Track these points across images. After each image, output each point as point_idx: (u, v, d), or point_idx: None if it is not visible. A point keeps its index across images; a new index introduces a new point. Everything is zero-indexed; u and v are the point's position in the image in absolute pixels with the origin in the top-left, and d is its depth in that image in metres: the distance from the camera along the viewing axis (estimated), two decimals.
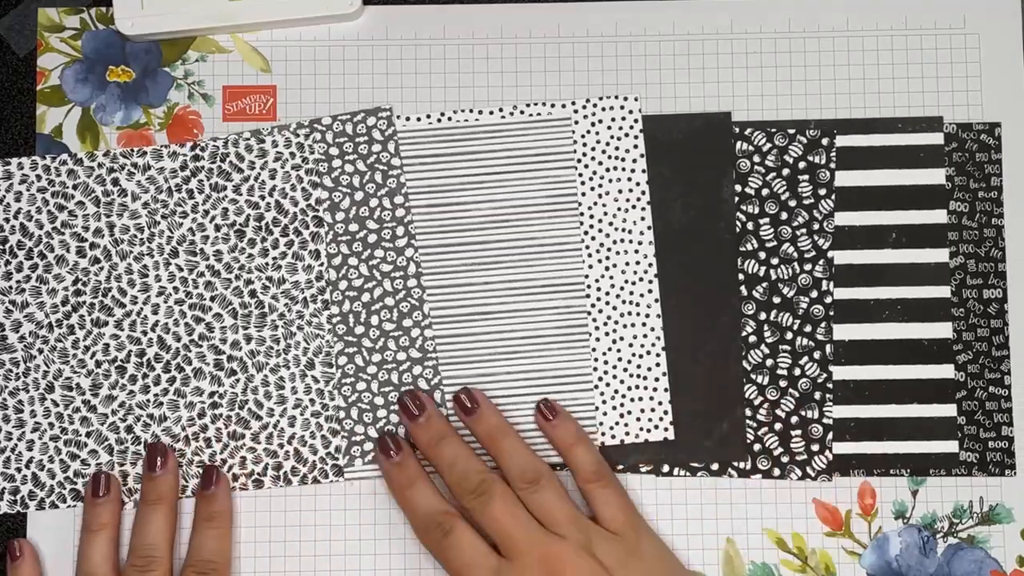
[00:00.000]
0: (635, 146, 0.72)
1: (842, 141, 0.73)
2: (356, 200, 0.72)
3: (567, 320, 0.72)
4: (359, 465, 0.71)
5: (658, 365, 0.71)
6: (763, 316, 0.72)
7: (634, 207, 0.72)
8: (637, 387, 0.71)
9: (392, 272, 0.72)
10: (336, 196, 0.72)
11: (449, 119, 0.73)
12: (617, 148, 0.72)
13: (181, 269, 0.72)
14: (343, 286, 0.72)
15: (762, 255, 0.72)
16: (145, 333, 0.72)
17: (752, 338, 0.72)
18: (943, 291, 0.72)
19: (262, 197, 0.72)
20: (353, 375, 0.71)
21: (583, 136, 0.72)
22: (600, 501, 0.68)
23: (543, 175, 0.72)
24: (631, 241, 0.72)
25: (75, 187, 0.72)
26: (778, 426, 0.71)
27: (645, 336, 0.72)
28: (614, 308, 0.72)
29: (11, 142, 0.73)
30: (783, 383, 0.71)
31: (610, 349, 0.71)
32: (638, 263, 0.72)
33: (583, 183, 0.72)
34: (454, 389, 0.71)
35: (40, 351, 0.71)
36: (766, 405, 0.71)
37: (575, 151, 0.72)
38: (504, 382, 0.71)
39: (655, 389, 0.71)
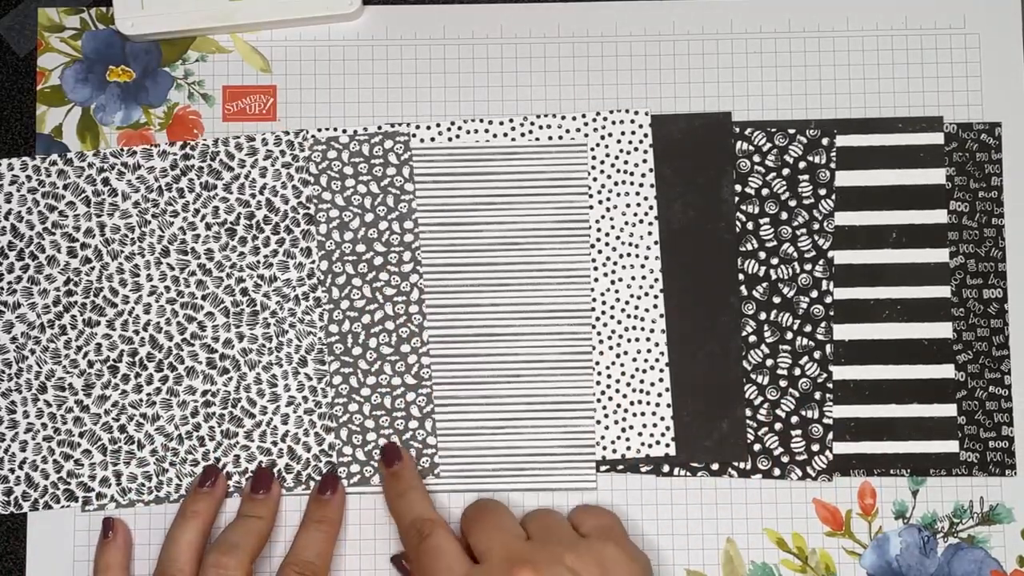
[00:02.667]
0: (644, 160, 0.72)
1: (842, 141, 0.73)
2: (366, 221, 0.72)
3: (572, 346, 0.71)
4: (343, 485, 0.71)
5: (661, 380, 0.71)
6: (763, 316, 0.72)
7: (641, 221, 0.72)
8: (640, 402, 0.71)
9: (395, 296, 0.72)
10: (346, 215, 0.72)
11: (459, 131, 0.72)
12: (626, 162, 0.72)
13: (172, 268, 0.72)
14: (344, 306, 0.72)
15: (762, 255, 0.72)
16: (137, 332, 0.72)
17: (752, 338, 0.72)
18: (943, 291, 0.72)
19: (252, 195, 0.72)
20: (346, 396, 0.71)
21: (592, 149, 0.72)
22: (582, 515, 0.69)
23: (556, 199, 0.72)
24: (637, 256, 0.72)
25: (65, 187, 0.72)
26: (778, 426, 0.71)
27: (649, 351, 0.71)
28: (618, 322, 0.71)
29: (11, 142, 0.73)
30: (783, 383, 0.71)
31: (613, 363, 0.71)
32: (644, 278, 0.72)
33: (590, 196, 0.72)
34: (454, 409, 0.71)
35: (32, 351, 0.71)
36: (766, 405, 0.71)
37: (589, 177, 0.72)
38: (505, 405, 0.71)
39: (657, 404, 0.71)
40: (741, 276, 0.72)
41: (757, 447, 0.71)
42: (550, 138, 0.72)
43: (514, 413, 0.71)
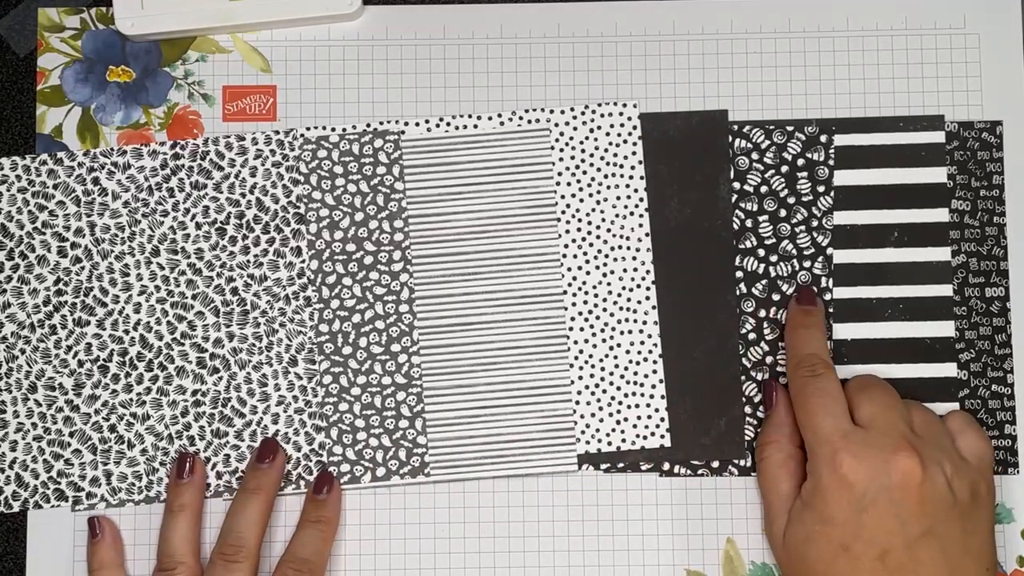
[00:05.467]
0: (633, 153, 0.72)
1: (843, 140, 0.73)
2: (356, 220, 0.72)
3: (545, 331, 0.71)
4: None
5: (655, 372, 0.71)
6: (762, 313, 0.72)
7: (632, 214, 0.72)
8: (634, 394, 0.71)
9: (385, 296, 0.72)
10: (336, 215, 0.72)
11: (448, 127, 0.73)
12: (615, 155, 0.72)
13: (162, 268, 0.72)
14: (335, 305, 0.72)
15: (761, 252, 0.72)
16: (127, 332, 0.72)
17: (751, 335, 0.71)
18: (945, 290, 0.72)
19: (243, 195, 0.72)
20: (337, 395, 0.71)
21: (581, 143, 0.72)
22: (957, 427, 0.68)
23: (521, 185, 0.72)
24: (628, 248, 0.72)
25: (55, 187, 0.72)
26: None
27: (642, 343, 0.71)
28: (611, 315, 0.71)
29: (11, 142, 0.73)
30: (783, 380, 0.71)
31: (607, 356, 0.71)
32: (635, 270, 0.72)
33: (580, 189, 0.72)
34: (435, 400, 0.71)
35: (22, 351, 0.72)
36: (762, 406, 0.71)
37: (553, 161, 0.72)
38: (483, 393, 0.71)
39: (652, 396, 0.71)
40: (740, 274, 0.72)
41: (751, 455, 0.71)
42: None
43: (492, 400, 0.71)
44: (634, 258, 0.71)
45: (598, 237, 0.72)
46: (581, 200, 0.72)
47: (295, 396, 0.71)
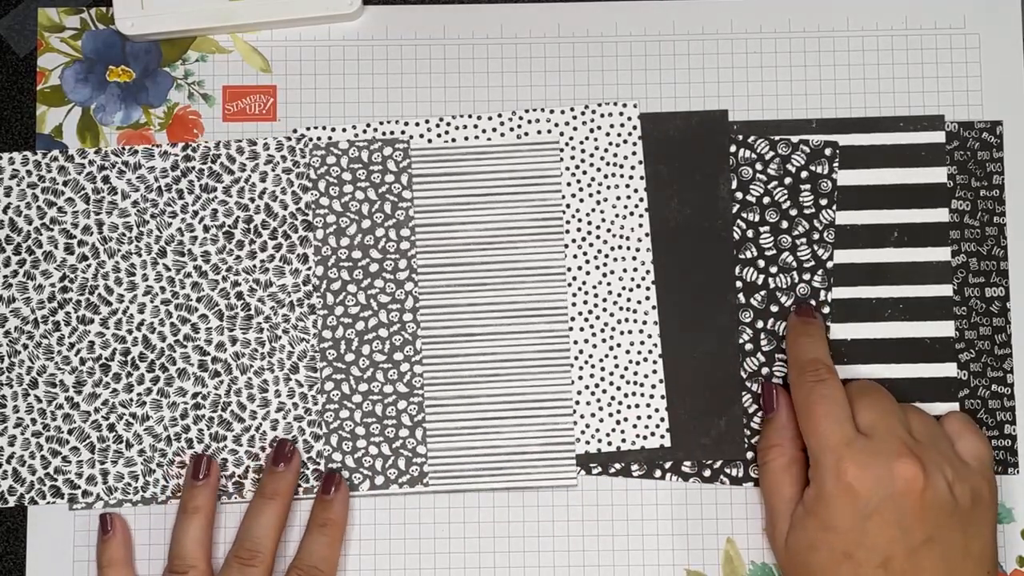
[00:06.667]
0: (633, 153, 0.72)
1: (843, 140, 0.72)
2: (363, 228, 0.72)
3: (549, 344, 0.71)
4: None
5: (655, 372, 0.71)
6: (760, 324, 0.72)
7: (632, 214, 0.72)
8: (634, 394, 0.71)
9: (389, 304, 0.72)
10: (343, 221, 0.72)
11: (448, 127, 0.73)
12: (615, 155, 0.72)
13: (168, 269, 0.72)
14: (339, 312, 0.72)
15: (761, 263, 0.72)
16: (130, 332, 0.72)
17: (748, 346, 0.71)
18: (945, 290, 0.72)
19: (252, 200, 0.72)
20: (338, 402, 0.71)
21: (581, 143, 0.72)
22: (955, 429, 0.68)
23: (529, 198, 0.72)
24: (628, 248, 0.72)
25: (65, 184, 0.72)
26: None
27: (642, 343, 0.71)
28: (611, 315, 0.71)
29: (11, 142, 0.73)
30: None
31: (607, 356, 0.71)
32: (635, 270, 0.72)
33: (580, 189, 0.72)
34: (435, 410, 0.71)
35: (25, 347, 0.72)
36: (760, 413, 0.71)
37: (561, 175, 0.72)
38: (484, 405, 0.71)
39: (652, 396, 0.71)
40: (739, 284, 0.72)
41: (751, 455, 0.71)
42: (539, 132, 0.72)
43: (494, 412, 0.71)
44: (634, 258, 0.71)
45: (598, 237, 0.72)
46: (581, 200, 0.72)
47: (295, 403, 0.71)
